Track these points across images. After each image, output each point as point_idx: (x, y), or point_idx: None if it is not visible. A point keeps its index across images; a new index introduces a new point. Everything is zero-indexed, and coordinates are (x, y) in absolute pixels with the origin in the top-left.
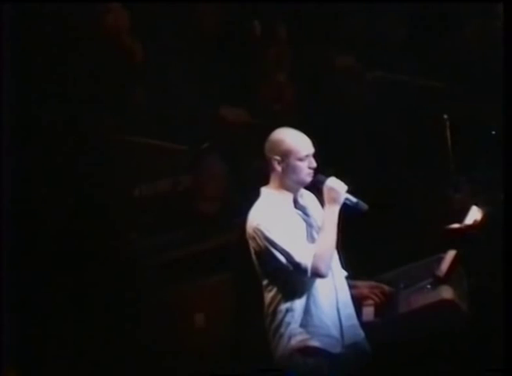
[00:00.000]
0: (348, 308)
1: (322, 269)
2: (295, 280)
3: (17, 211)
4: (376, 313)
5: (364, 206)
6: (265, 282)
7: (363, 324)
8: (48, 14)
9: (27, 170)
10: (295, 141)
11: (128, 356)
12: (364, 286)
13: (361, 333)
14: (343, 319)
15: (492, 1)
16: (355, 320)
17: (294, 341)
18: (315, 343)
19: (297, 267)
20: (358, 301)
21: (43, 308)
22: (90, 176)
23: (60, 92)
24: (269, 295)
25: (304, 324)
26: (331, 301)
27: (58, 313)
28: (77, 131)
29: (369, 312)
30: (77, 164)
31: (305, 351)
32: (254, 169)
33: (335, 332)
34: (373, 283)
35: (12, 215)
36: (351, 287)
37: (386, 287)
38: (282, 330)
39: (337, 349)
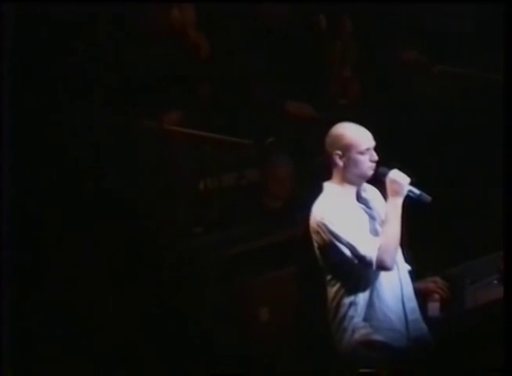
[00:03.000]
0: (412, 301)
1: (388, 261)
2: (359, 273)
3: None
4: (442, 308)
5: (427, 198)
6: (328, 276)
7: (427, 319)
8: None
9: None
10: (355, 135)
11: (192, 351)
12: (429, 281)
13: (424, 327)
14: (408, 312)
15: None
16: (418, 314)
17: (358, 335)
18: (378, 337)
19: (362, 260)
20: (422, 296)
21: (96, 305)
22: (155, 170)
23: (122, 85)
24: (333, 289)
25: (367, 318)
26: (396, 295)
27: (116, 308)
28: (141, 126)
29: (434, 307)
30: (141, 157)
31: (369, 345)
32: (319, 164)
33: (399, 326)
34: (437, 278)
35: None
36: (415, 281)
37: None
38: (345, 323)
39: (401, 343)
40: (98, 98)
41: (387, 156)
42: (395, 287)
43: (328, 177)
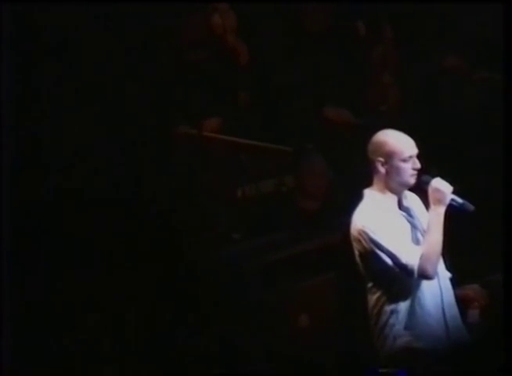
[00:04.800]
0: (453, 309)
1: (430, 270)
2: (400, 281)
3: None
4: (482, 316)
5: (470, 207)
6: (369, 284)
7: (468, 326)
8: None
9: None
10: (398, 142)
11: (231, 356)
12: (468, 288)
13: (466, 334)
14: (448, 320)
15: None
16: (460, 321)
17: (399, 342)
18: (420, 345)
19: (404, 269)
20: (462, 304)
21: (129, 308)
22: (194, 176)
23: (160, 92)
24: (374, 297)
25: (408, 326)
26: (436, 302)
27: (152, 315)
28: (180, 133)
29: (474, 314)
30: (180, 164)
31: (410, 352)
32: (358, 170)
33: (441, 333)
34: (476, 286)
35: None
36: (455, 288)
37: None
38: (386, 331)
39: (443, 351)
40: (135, 106)
41: (428, 163)
42: (436, 294)
43: (369, 184)
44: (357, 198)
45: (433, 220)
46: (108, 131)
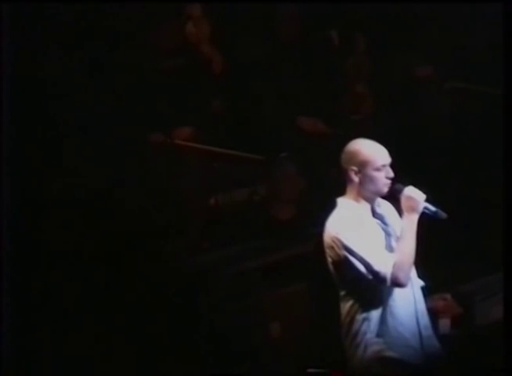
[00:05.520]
0: (425, 318)
1: (402, 278)
2: (373, 289)
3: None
4: (453, 325)
5: (443, 215)
6: (342, 292)
7: (438, 336)
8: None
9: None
10: (371, 151)
11: (203, 366)
12: (439, 298)
13: (437, 344)
14: (422, 329)
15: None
16: (431, 331)
17: (370, 352)
18: (391, 353)
19: (377, 276)
20: (433, 313)
21: (104, 319)
22: (166, 185)
23: (134, 99)
24: (346, 305)
25: (380, 334)
26: (409, 311)
27: (125, 327)
28: (153, 141)
29: (445, 323)
30: (152, 172)
31: (381, 361)
32: (330, 179)
33: (414, 343)
34: (447, 295)
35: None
36: (426, 298)
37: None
38: (358, 339)
39: (416, 360)
40: (107, 113)
41: (401, 172)
42: (409, 303)
43: (342, 193)
44: (330, 207)
45: (406, 228)
46: (78, 138)
